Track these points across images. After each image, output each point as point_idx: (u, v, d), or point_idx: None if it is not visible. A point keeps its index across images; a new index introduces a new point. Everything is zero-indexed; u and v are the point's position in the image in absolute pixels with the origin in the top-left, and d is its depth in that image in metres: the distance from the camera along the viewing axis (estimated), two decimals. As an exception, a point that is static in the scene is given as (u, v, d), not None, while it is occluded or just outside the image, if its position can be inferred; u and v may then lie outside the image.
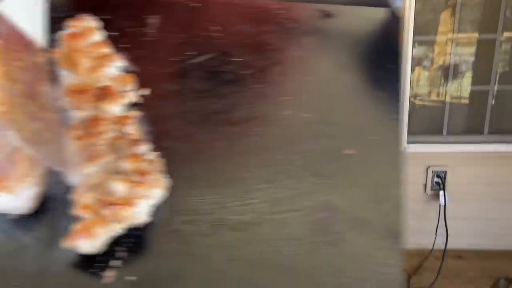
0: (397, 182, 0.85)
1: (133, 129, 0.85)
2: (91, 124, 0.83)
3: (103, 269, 0.69)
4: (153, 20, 1.13)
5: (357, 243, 0.74)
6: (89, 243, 0.70)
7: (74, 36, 0.99)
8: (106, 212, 0.72)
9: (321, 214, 0.79)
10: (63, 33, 1.01)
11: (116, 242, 0.72)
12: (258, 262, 0.72)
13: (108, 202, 0.73)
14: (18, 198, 0.73)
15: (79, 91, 0.88)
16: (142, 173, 0.77)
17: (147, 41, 1.08)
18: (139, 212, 0.74)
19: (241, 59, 1.05)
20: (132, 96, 0.92)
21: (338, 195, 0.82)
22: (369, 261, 0.72)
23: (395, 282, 0.70)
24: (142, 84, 0.96)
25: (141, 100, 0.92)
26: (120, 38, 1.03)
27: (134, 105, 0.91)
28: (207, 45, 1.09)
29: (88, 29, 1.02)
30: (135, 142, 0.82)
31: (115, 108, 0.86)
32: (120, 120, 0.85)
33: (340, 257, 0.73)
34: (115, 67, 0.96)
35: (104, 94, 0.86)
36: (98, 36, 1.02)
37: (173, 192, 0.77)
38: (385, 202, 0.82)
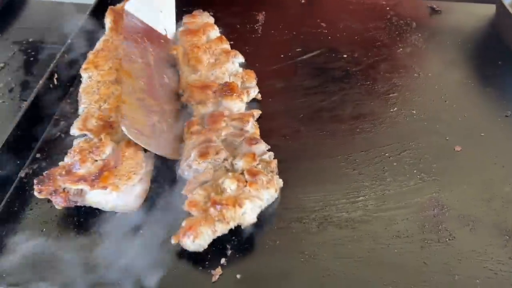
0: (506, 179, 0.84)
1: (252, 127, 0.87)
2: (211, 120, 0.86)
3: (211, 267, 0.71)
4: (261, 17, 1.20)
5: (467, 241, 0.75)
6: (195, 241, 0.70)
7: (193, 32, 1.06)
8: (214, 211, 0.72)
9: (430, 211, 0.80)
10: (181, 30, 1.10)
11: (224, 240, 0.74)
12: (366, 260, 0.73)
13: (217, 202, 0.72)
14: (125, 195, 0.77)
15: (201, 87, 0.93)
16: (254, 173, 0.76)
17: (254, 38, 1.15)
18: (247, 213, 0.73)
19: (350, 56, 1.09)
20: (254, 92, 0.97)
21: (447, 192, 0.82)
22: (480, 259, 0.73)
23: (508, 280, 0.70)
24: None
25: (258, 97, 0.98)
26: (228, 35, 1.10)
27: (253, 102, 0.97)
28: (316, 42, 1.14)
29: (206, 25, 1.09)
30: (253, 140, 0.82)
31: (237, 105, 0.90)
32: (241, 118, 0.87)
33: (450, 254, 0.73)
34: (236, 63, 1.01)
35: (227, 90, 0.90)
36: (216, 32, 1.10)
37: (282, 189, 0.79)
38: (495, 199, 0.81)
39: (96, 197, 0.76)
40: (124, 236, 0.76)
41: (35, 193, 0.76)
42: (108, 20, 1.07)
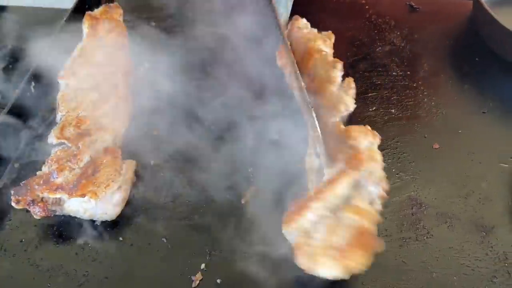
0: (483, 176, 0.85)
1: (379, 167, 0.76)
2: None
3: (191, 272, 0.73)
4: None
5: (444, 238, 0.76)
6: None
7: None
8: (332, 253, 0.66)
9: (408, 210, 0.80)
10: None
11: (204, 245, 0.77)
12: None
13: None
14: (103, 204, 0.76)
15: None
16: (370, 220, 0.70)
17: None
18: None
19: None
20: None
21: (425, 190, 0.83)
22: (457, 255, 0.74)
23: (484, 276, 0.71)
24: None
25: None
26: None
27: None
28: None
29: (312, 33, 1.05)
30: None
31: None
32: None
33: (428, 252, 0.74)
34: (340, 70, 0.95)
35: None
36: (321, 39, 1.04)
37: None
38: (472, 196, 0.82)
39: (74, 206, 0.76)
40: (104, 245, 0.76)
41: (13, 204, 0.76)
42: (85, 26, 1.06)
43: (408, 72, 1.05)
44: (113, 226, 0.78)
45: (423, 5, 1.24)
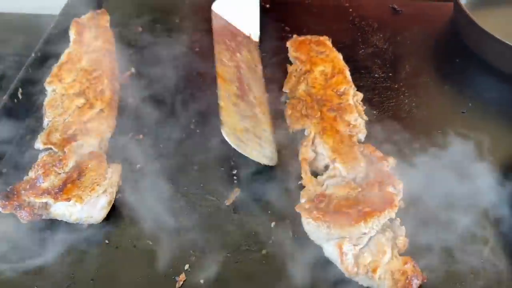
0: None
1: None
2: None
3: (175, 273, 0.74)
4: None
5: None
6: None
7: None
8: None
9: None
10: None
11: (187, 246, 0.79)
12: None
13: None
14: (89, 207, 0.78)
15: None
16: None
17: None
18: None
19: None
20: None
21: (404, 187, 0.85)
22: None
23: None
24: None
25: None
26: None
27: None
28: (280, 46, 1.15)
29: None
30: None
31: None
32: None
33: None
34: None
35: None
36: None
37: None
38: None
39: (60, 210, 0.78)
40: (90, 248, 0.78)
41: (0, 209, 0.77)
42: (72, 32, 1.07)
43: (390, 74, 1.07)
44: (99, 229, 0.80)
45: (405, 8, 1.26)
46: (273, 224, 0.81)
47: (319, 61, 1.03)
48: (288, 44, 1.11)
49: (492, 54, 1.06)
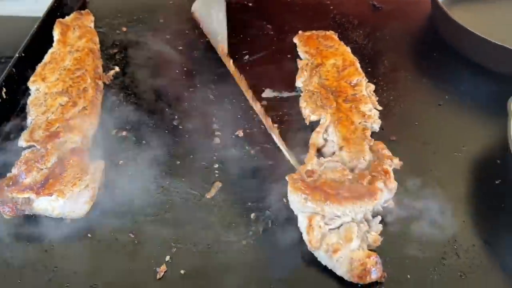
0: (437, 164, 0.90)
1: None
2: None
3: (156, 264, 0.74)
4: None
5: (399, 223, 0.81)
6: None
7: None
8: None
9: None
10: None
11: (168, 238, 0.80)
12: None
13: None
14: (71, 202, 0.79)
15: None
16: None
17: (202, 42, 1.18)
18: None
19: (294, 56, 1.13)
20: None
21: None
22: (410, 240, 0.79)
23: (434, 258, 0.76)
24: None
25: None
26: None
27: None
28: (262, 44, 1.18)
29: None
30: None
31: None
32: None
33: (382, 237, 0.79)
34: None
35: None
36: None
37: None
38: (426, 183, 0.85)
39: (43, 205, 0.79)
40: (73, 242, 0.79)
41: None
42: (56, 33, 1.09)
43: (369, 69, 1.09)
44: (82, 223, 0.81)
45: (385, 5, 1.29)
46: (252, 215, 0.83)
47: (329, 55, 1.06)
48: (295, 39, 1.14)
49: (468, 48, 1.08)
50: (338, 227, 0.76)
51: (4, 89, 0.98)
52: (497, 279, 0.74)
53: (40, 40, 1.10)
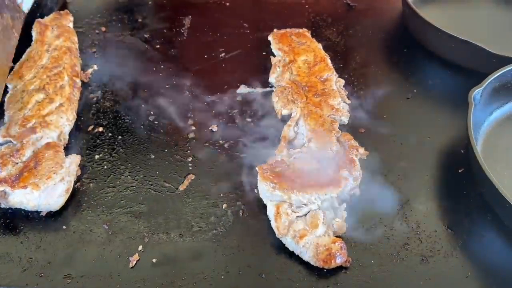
0: (402, 155, 0.93)
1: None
2: None
3: (129, 254, 0.77)
4: (187, 21, 1.27)
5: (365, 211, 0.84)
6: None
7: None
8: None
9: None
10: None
11: (141, 228, 0.83)
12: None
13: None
14: (47, 195, 0.81)
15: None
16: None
17: (180, 41, 1.22)
18: None
19: (269, 53, 1.15)
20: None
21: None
22: (375, 226, 0.81)
23: (397, 243, 0.79)
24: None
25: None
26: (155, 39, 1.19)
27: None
28: (238, 42, 1.21)
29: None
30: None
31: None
32: None
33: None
34: None
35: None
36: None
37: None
38: (391, 173, 0.90)
39: (18, 198, 0.81)
40: (48, 233, 0.81)
41: None
42: (34, 32, 1.11)
43: (341, 65, 1.13)
44: (57, 216, 0.83)
45: (359, 3, 1.32)
46: (224, 206, 0.85)
47: (301, 51, 1.09)
48: (270, 37, 1.16)
49: (435, 44, 1.12)
50: (305, 215, 0.79)
51: (-17, 88, 1.00)
52: (457, 262, 0.77)
53: (20, 40, 1.12)
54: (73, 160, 0.88)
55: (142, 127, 0.99)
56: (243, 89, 1.07)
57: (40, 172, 0.82)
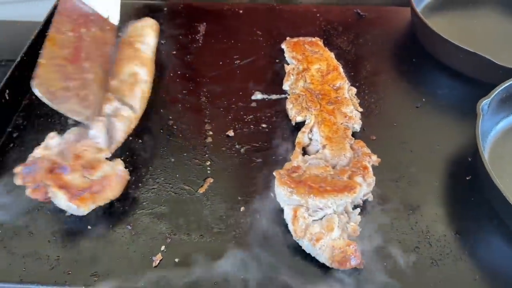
0: (413, 162, 0.97)
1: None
2: None
3: (153, 253, 0.80)
4: (202, 28, 1.30)
5: (378, 216, 0.87)
6: None
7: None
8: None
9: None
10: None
11: (163, 229, 0.86)
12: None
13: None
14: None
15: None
16: None
17: (196, 47, 1.25)
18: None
19: (282, 61, 1.20)
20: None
21: (363, 176, 0.94)
22: (387, 230, 0.85)
23: (412, 245, 0.83)
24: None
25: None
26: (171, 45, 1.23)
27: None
28: (252, 49, 1.24)
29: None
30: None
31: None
32: None
33: (363, 228, 0.84)
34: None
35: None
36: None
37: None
38: (402, 179, 0.93)
39: (57, 198, 0.83)
40: (74, 233, 0.85)
41: (18, 180, 0.84)
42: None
43: (352, 73, 1.16)
44: (83, 216, 0.87)
45: (368, 13, 1.36)
46: (242, 208, 0.89)
47: (314, 60, 1.13)
48: (283, 45, 1.20)
49: (444, 54, 1.16)
50: (321, 218, 0.82)
51: (7, 91, 1.04)
52: (465, 266, 0.81)
53: (40, 43, 1.15)
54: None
55: (161, 131, 1.03)
56: (258, 96, 1.11)
57: (98, 199, 0.84)
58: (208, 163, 0.97)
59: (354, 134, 0.99)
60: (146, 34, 1.17)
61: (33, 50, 1.13)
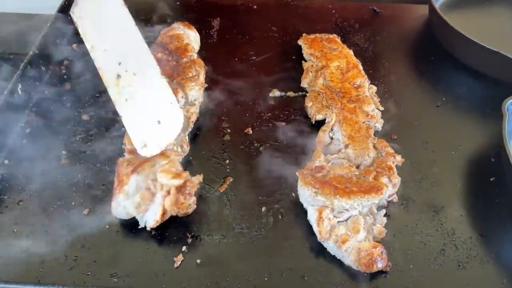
0: (435, 162, 0.95)
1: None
2: None
3: (173, 254, 0.78)
4: (216, 23, 1.28)
5: (401, 218, 0.85)
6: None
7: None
8: None
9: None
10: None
11: (184, 229, 0.82)
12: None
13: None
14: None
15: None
16: None
17: (210, 43, 1.23)
18: None
19: (298, 57, 1.18)
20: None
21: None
22: (411, 232, 0.83)
23: (434, 249, 0.80)
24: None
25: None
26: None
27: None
28: (267, 45, 1.22)
29: None
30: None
31: None
32: None
33: (387, 230, 0.81)
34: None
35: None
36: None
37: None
38: (425, 180, 0.92)
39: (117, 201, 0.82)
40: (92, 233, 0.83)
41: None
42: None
43: (370, 71, 1.14)
44: (100, 215, 0.85)
45: (385, 9, 1.34)
46: (263, 208, 0.87)
47: (333, 57, 1.11)
48: (300, 41, 1.18)
49: (463, 52, 1.14)
50: (346, 220, 0.81)
51: (20, 85, 1.01)
52: (492, 269, 0.79)
53: (52, 37, 1.13)
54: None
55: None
56: (276, 93, 1.09)
57: (183, 210, 0.83)
58: (227, 161, 0.95)
59: (375, 133, 0.97)
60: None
61: (44, 44, 1.11)
